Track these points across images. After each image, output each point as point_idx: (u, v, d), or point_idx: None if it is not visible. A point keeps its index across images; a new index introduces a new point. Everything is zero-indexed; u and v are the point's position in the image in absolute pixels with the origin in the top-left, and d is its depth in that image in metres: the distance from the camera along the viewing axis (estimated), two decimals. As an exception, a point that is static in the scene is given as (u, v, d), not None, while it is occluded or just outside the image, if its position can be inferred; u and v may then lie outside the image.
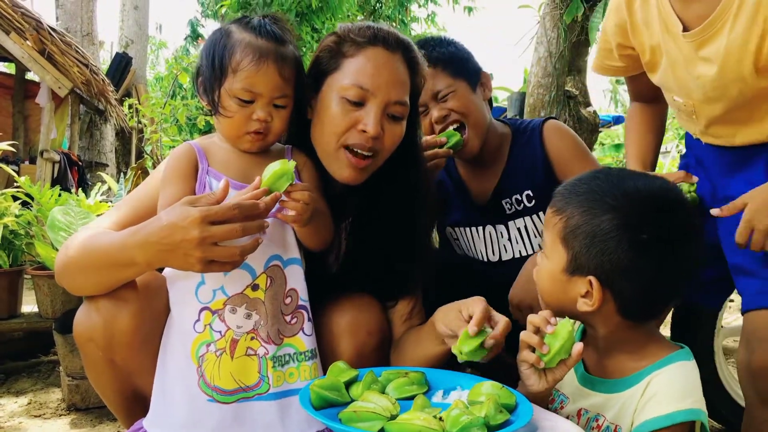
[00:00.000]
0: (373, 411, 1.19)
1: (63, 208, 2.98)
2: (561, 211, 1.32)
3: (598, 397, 1.37)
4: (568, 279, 1.30)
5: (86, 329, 1.55)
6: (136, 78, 10.98)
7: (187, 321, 1.51)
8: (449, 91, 2.11)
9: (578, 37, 4.50)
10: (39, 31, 6.84)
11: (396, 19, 13.31)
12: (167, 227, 1.36)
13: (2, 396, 2.86)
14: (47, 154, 7.16)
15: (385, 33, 1.70)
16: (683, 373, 1.27)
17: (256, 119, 1.56)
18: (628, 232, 1.22)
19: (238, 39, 1.56)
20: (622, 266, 1.23)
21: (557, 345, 1.30)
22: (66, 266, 1.54)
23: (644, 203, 1.25)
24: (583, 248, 1.26)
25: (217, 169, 1.59)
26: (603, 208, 1.25)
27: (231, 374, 1.48)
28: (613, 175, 1.32)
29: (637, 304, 1.29)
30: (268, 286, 1.53)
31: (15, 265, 3.22)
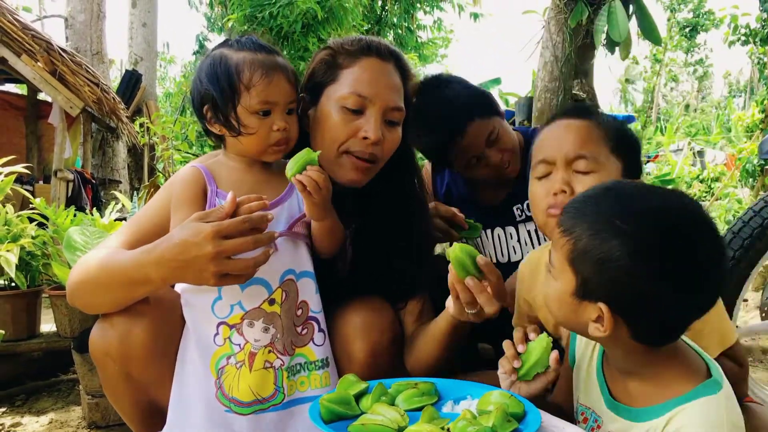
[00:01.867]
0: (381, 423, 1.21)
1: (78, 228, 3.02)
2: (568, 232, 1.21)
3: (621, 422, 1.31)
4: (578, 303, 1.21)
5: (102, 344, 1.59)
6: (146, 94, 11.07)
7: (207, 335, 1.55)
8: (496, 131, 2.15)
9: (583, 41, 4.50)
10: (49, 52, 6.93)
11: (402, 26, 13.34)
12: (180, 244, 1.40)
13: (24, 415, 2.90)
14: (61, 174, 7.24)
15: (377, 43, 1.79)
16: (709, 409, 1.17)
17: (277, 129, 1.61)
18: (642, 260, 1.12)
19: (239, 59, 1.60)
20: (636, 295, 1.14)
21: (530, 361, 1.37)
22: (79, 286, 1.57)
23: (659, 225, 1.13)
24: (592, 274, 1.17)
25: (225, 190, 1.62)
26: (612, 233, 1.14)
27: (249, 387, 1.53)
28: (624, 192, 1.22)
29: (652, 332, 1.20)
30: (284, 300, 1.58)
31: (33, 286, 3.27)
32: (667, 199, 1.19)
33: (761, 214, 2.68)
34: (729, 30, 10.75)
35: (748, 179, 9.20)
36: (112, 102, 8.17)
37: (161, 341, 1.59)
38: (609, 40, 4.19)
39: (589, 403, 1.40)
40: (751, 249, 2.65)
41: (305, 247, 1.67)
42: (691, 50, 22.68)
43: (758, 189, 8.66)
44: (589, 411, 1.40)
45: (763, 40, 9.73)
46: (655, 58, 23.37)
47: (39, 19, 13.39)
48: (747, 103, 19.03)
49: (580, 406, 1.44)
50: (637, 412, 1.28)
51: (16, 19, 6.80)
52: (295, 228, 1.65)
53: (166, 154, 5.25)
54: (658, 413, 1.22)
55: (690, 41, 21.15)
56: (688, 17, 19.68)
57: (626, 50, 4.26)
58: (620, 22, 3.99)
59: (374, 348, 1.69)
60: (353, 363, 1.66)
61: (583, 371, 1.44)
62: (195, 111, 1.70)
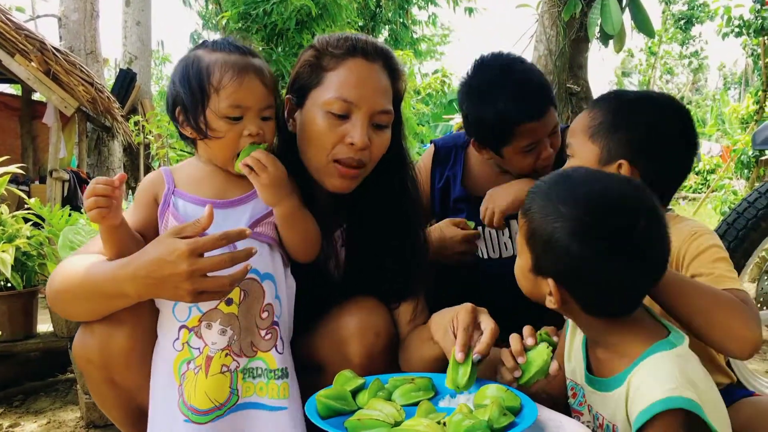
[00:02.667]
0: (377, 418, 1.22)
1: (73, 228, 3.02)
2: (525, 212, 1.35)
3: (597, 394, 1.39)
4: (534, 278, 1.34)
5: (83, 352, 1.58)
6: (141, 93, 11.04)
7: (168, 340, 1.53)
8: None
9: (577, 34, 4.52)
10: (43, 52, 6.90)
11: (396, 22, 13.32)
12: (155, 261, 1.38)
13: (22, 416, 2.90)
14: (56, 174, 7.23)
15: (363, 43, 1.73)
16: (661, 363, 1.26)
17: (248, 134, 1.55)
18: (577, 240, 1.23)
19: (211, 60, 1.55)
20: (573, 270, 1.26)
21: (532, 371, 1.37)
22: (58, 294, 1.56)
23: (595, 209, 1.24)
24: (541, 251, 1.30)
25: (185, 189, 1.60)
26: (555, 216, 1.26)
27: (206, 393, 1.48)
28: (575, 178, 1.33)
29: (596, 303, 1.31)
30: (242, 300, 1.53)
31: (29, 287, 3.26)
32: (609, 185, 1.30)
33: (755, 205, 2.69)
34: (722, 22, 10.75)
35: (743, 171, 9.21)
36: (107, 101, 8.16)
37: (142, 347, 1.57)
38: (603, 33, 4.20)
39: (577, 379, 1.49)
40: (746, 240, 2.66)
41: (269, 249, 1.60)
42: (686, 42, 22.65)
43: (753, 180, 8.68)
44: (578, 387, 1.48)
45: (756, 31, 9.72)
46: (650, 51, 23.36)
47: (32, 19, 13.34)
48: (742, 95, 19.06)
49: (570, 382, 1.51)
50: (607, 383, 1.36)
51: (9, 19, 6.77)
52: (258, 228, 1.59)
53: (162, 153, 5.24)
54: (621, 380, 1.30)
55: (685, 33, 21.13)
56: (682, 9, 19.67)
57: (620, 43, 4.27)
58: (613, 15, 4.00)
59: (370, 350, 1.67)
60: (349, 365, 1.63)
61: (570, 349, 1.52)
62: (169, 114, 1.65)
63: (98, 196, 1.42)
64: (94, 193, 1.42)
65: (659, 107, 1.69)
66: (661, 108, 1.69)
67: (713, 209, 8.73)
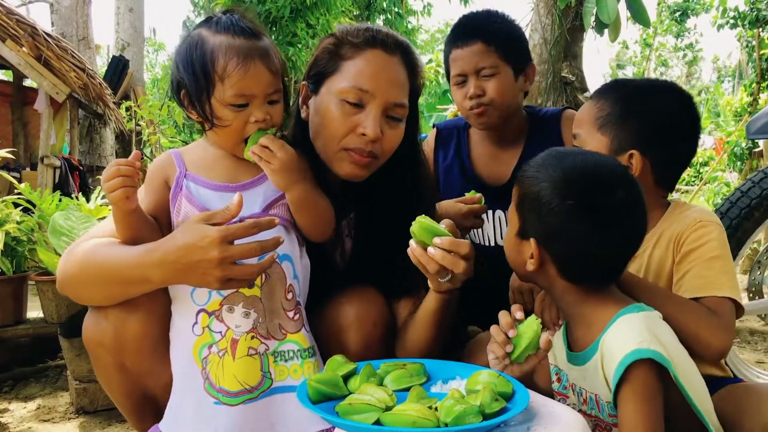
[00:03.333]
0: (369, 403, 1.21)
1: (64, 213, 3.00)
2: (518, 182, 1.46)
3: (577, 369, 1.44)
4: (519, 243, 1.44)
5: (96, 335, 1.57)
6: (133, 80, 10.98)
7: (186, 324, 1.52)
8: (493, 72, 2.17)
9: (573, 23, 4.50)
10: (35, 37, 6.85)
11: (391, 11, 13.26)
12: (185, 247, 1.37)
13: (11, 401, 2.88)
14: (48, 160, 7.18)
15: (384, 35, 1.71)
16: (627, 324, 1.32)
17: (255, 121, 1.52)
18: (557, 198, 1.33)
19: (215, 44, 1.50)
20: (553, 229, 1.35)
21: (522, 344, 1.40)
22: (71, 278, 1.54)
23: (576, 174, 1.35)
24: (528, 214, 1.40)
25: (196, 172, 1.58)
26: (543, 177, 1.37)
27: (234, 376, 1.48)
28: (563, 152, 1.44)
29: (572, 266, 1.39)
30: (264, 281, 1.53)
31: (19, 272, 3.25)
32: (590, 158, 1.40)
33: (749, 194, 2.69)
34: (718, 13, 10.76)
35: (736, 163, 9.25)
36: (99, 88, 8.10)
37: (156, 333, 1.56)
38: (598, 22, 4.19)
39: (559, 364, 1.53)
40: (738, 229, 2.66)
41: (285, 230, 1.60)
42: (681, 35, 22.64)
43: (746, 173, 8.72)
44: (561, 372, 1.52)
45: (751, 23, 9.73)
46: (645, 43, 23.36)
47: (24, 4, 13.23)
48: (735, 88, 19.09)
49: (554, 367, 1.55)
50: (582, 356, 1.42)
51: (0, 4, 6.71)
52: (273, 210, 1.58)
53: (153, 139, 5.21)
54: (594, 350, 1.37)
55: (680, 25, 21.13)
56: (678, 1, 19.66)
57: (615, 32, 4.26)
58: (609, 4, 3.99)
59: (368, 339, 1.67)
60: (346, 354, 1.61)
61: (554, 336, 1.55)
62: (174, 95, 1.62)
63: (124, 176, 1.41)
64: (119, 173, 1.41)
65: (665, 94, 1.72)
66: (668, 95, 1.72)
67: (706, 201, 8.76)
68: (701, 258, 1.57)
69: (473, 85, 2.16)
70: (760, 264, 3.10)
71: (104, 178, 1.42)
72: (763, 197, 2.67)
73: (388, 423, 1.17)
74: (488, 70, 2.16)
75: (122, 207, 1.44)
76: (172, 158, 1.61)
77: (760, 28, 9.40)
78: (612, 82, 1.82)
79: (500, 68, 2.17)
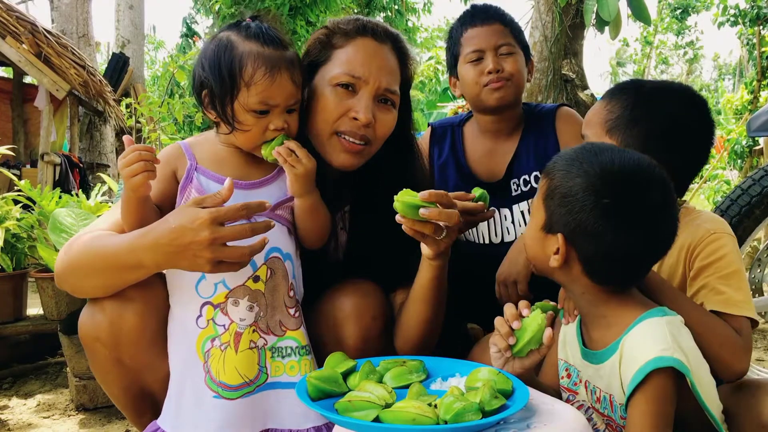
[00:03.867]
0: (368, 400, 1.21)
1: (64, 210, 3.00)
2: (547, 174, 1.40)
3: (592, 368, 1.42)
4: (544, 237, 1.38)
5: (92, 329, 1.57)
6: (133, 77, 10.97)
7: (189, 317, 1.52)
8: (511, 51, 2.22)
9: (573, 21, 4.49)
10: (35, 34, 6.84)
11: (392, 9, 13.26)
12: (177, 229, 1.38)
13: (11, 398, 2.89)
14: (48, 157, 7.18)
15: (374, 24, 1.76)
16: (650, 328, 1.30)
17: (273, 129, 1.56)
18: (593, 195, 1.29)
19: (245, 51, 1.53)
20: (584, 226, 1.30)
21: (525, 338, 1.37)
22: (69, 269, 1.55)
23: (614, 172, 1.30)
24: (556, 208, 1.34)
25: (207, 166, 1.60)
26: (578, 172, 1.32)
27: (236, 368, 1.49)
28: (599, 147, 1.38)
29: (599, 266, 1.34)
30: (269, 277, 1.55)
31: (18, 269, 3.25)
32: (628, 157, 1.34)
33: (749, 192, 2.69)
34: (718, 11, 10.75)
35: (736, 161, 9.24)
36: (99, 85, 8.10)
37: (152, 326, 1.57)
38: (599, 19, 4.18)
39: (570, 360, 1.52)
40: (739, 227, 2.66)
41: (288, 232, 1.64)
42: (681, 32, 22.65)
43: (746, 170, 8.72)
44: (572, 367, 1.51)
45: (752, 20, 9.73)
46: (645, 41, 23.36)
47: (24, 1, 13.19)
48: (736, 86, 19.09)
49: (564, 363, 1.54)
50: (600, 355, 1.39)
51: (0, 1, 6.71)
52: (278, 211, 1.62)
53: (153, 136, 5.21)
54: (613, 350, 1.35)
55: (681, 23, 21.13)
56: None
57: (616, 30, 4.25)
58: (610, 2, 3.97)
59: (366, 333, 1.67)
60: (344, 347, 1.63)
61: (566, 332, 1.55)
62: (194, 93, 1.64)
63: (145, 161, 1.42)
64: (141, 157, 1.42)
65: (679, 98, 1.67)
66: (681, 99, 1.67)
67: (706, 199, 8.76)
68: (718, 273, 1.54)
69: (492, 60, 2.19)
70: (760, 262, 3.10)
71: (124, 163, 1.43)
72: (763, 195, 2.67)
73: (387, 420, 1.17)
74: (506, 48, 2.20)
75: (140, 192, 1.46)
76: (182, 150, 1.63)
77: (761, 26, 9.38)
78: (625, 82, 1.77)
79: (516, 49, 2.23)
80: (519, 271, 2.01)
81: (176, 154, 1.62)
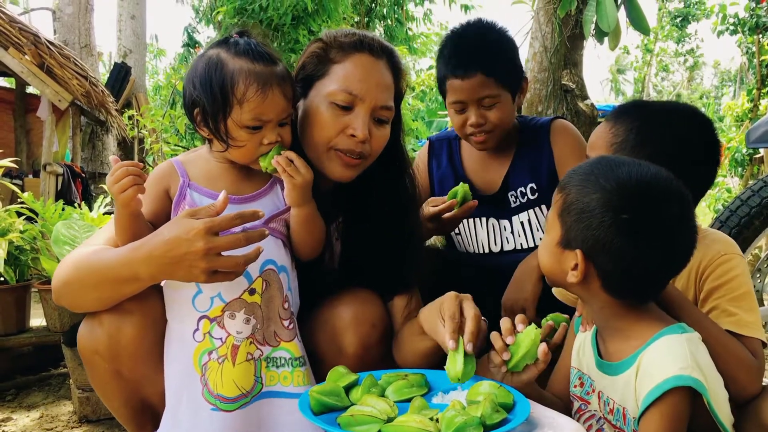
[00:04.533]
0: (370, 414, 1.22)
1: (67, 222, 3.01)
2: (562, 189, 1.39)
3: (607, 379, 1.42)
4: (561, 252, 1.38)
5: (91, 342, 1.57)
6: (135, 87, 11.01)
7: (187, 331, 1.53)
8: (494, 102, 2.15)
9: (573, 31, 4.51)
10: (37, 45, 6.87)
11: (392, 18, 13.29)
12: (171, 241, 1.39)
13: (14, 410, 2.89)
14: (50, 168, 7.19)
15: (370, 39, 1.77)
16: (669, 345, 1.30)
17: (267, 143, 1.58)
18: (611, 211, 1.28)
19: (235, 68, 1.54)
20: (603, 242, 1.29)
21: (520, 353, 1.40)
22: (65, 285, 1.55)
23: (631, 187, 1.29)
24: (574, 223, 1.33)
25: (200, 182, 1.61)
26: (594, 188, 1.31)
27: (233, 381, 1.51)
28: (614, 161, 1.37)
29: (618, 281, 1.34)
30: (264, 289, 1.57)
31: (22, 281, 3.25)
32: (645, 171, 1.33)
33: (749, 203, 2.70)
34: (718, 20, 10.78)
35: (737, 168, 9.24)
36: (101, 95, 8.13)
37: (150, 338, 1.58)
38: (598, 30, 4.19)
39: (584, 369, 1.52)
40: (738, 238, 2.67)
41: (283, 244, 1.65)
42: (681, 40, 22.68)
43: (747, 178, 8.72)
44: (585, 376, 1.51)
45: (751, 29, 9.75)
46: (645, 48, 23.39)
47: (26, 12, 13.27)
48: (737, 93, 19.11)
49: (577, 372, 1.54)
50: (617, 366, 1.40)
51: (2, 12, 6.73)
52: (272, 224, 1.63)
53: (156, 147, 5.23)
54: (630, 363, 1.35)
55: (681, 31, 21.16)
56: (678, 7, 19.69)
57: (615, 40, 4.27)
58: (609, 12, 3.99)
59: (365, 341, 1.68)
60: (344, 356, 1.65)
61: (581, 341, 1.55)
62: (186, 111, 1.65)
63: (133, 175, 1.43)
64: (129, 173, 1.43)
65: (683, 120, 1.66)
66: (685, 121, 1.66)
67: (707, 207, 8.75)
68: (729, 294, 1.55)
69: (474, 114, 2.15)
70: (760, 272, 3.11)
71: (113, 180, 1.44)
72: (762, 206, 2.68)
73: (389, 434, 1.18)
74: (489, 100, 2.14)
75: (131, 207, 1.47)
76: (174, 167, 1.64)
77: (760, 35, 9.41)
78: (628, 104, 1.77)
79: (501, 96, 2.15)
80: (526, 297, 2.02)
81: (168, 172, 1.64)
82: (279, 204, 1.65)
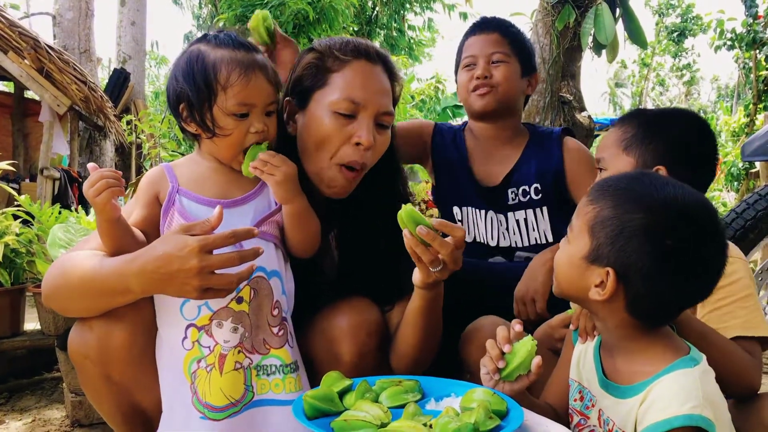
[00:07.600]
0: (364, 419, 1.22)
1: (63, 225, 3.01)
2: (595, 201, 1.33)
3: (611, 399, 1.39)
4: (586, 266, 1.32)
5: (81, 347, 1.56)
6: (134, 93, 11.03)
7: (175, 338, 1.52)
8: (503, 59, 2.26)
9: (571, 43, 4.53)
10: (37, 49, 6.89)
11: (392, 27, 13.36)
12: (164, 257, 1.37)
13: (7, 414, 2.88)
14: (47, 172, 7.20)
15: (365, 46, 1.77)
16: (683, 379, 1.26)
17: (254, 132, 1.57)
18: (654, 236, 1.24)
19: (217, 57, 1.55)
20: (641, 266, 1.24)
21: (515, 362, 1.39)
22: (56, 290, 1.54)
23: (677, 212, 1.25)
24: (607, 240, 1.28)
25: (189, 187, 1.60)
26: (637, 207, 1.26)
27: (221, 390, 1.49)
28: (657, 179, 1.33)
29: (646, 305, 1.30)
30: (252, 297, 1.54)
31: (17, 284, 3.24)
32: (689, 194, 1.29)
33: (743, 216, 2.72)
34: (715, 35, 10.84)
35: (733, 183, 9.29)
36: (100, 100, 8.15)
37: (141, 344, 1.56)
38: (596, 42, 4.23)
39: (584, 383, 1.49)
40: (733, 250, 2.68)
41: (274, 247, 1.63)
42: (678, 55, 22.81)
43: (743, 192, 8.75)
44: (585, 390, 1.48)
45: (748, 44, 9.82)
46: (643, 62, 23.52)
47: (26, 16, 13.29)
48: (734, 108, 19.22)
49: (577, 385, 1.51)
50: (624, 390, 1.35)
51: (2, 16, 6.76)
52: (263, 227, 1.61)
53: (153, 153, 5.24)
54: (640, 389, 1.31)
55: (678, 46, 21.29)
56: (676, 22, 19.83)
57: (613, 53, 4.30)
58: (607, 25, 4.03)
59: (362, 350, 1.67)
60: (340, 365, 1.63)
61: (581, 353, 1.52)
62: (171, 109, 1.65)
63: (108, 179, 1.42)
64: (103, 176, 1.42)
65: (683, 120, 1.75)
66: (686, 121, 1.75)
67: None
68: (733, 296, 1.57)
69: (482, 67, 2.24)
70: (757, 284, 3.12)
71: (88, 185, 1.43)
72: (757, 219, 2.69)
73: (382, 440, 1.17)
74: (499, 56, 2.25)
75: (108, 212, 1.44)
76: (164, 172, 1.63)
77: (757, 50, 9.47)
78: (632, 110, 1.87)
79: (510, 59, 2.26)
80: (537, 289, 2.04)
81: (159, 177, 1.63)
82: (270, 205, 1.64)
